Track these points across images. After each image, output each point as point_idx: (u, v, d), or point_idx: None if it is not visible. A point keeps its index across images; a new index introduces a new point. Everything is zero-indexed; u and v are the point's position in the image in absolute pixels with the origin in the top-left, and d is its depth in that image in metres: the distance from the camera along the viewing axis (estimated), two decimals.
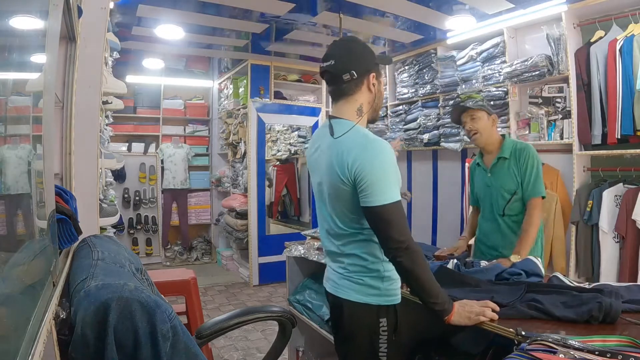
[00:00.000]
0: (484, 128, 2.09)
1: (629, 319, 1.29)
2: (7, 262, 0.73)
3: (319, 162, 1.41)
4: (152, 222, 5.84)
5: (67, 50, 1.76)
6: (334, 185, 1.32)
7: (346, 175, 1.27)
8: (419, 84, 4.34)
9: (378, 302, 1.35)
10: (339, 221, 1.36)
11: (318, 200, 1.47)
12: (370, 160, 1.25)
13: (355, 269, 1.37)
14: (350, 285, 1.37)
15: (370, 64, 1.36)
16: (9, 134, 0.87)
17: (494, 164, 2.09)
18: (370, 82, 1.36)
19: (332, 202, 1.36)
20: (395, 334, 1.38)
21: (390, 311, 1.37)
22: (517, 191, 2.04)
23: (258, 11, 3.46)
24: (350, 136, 1.31)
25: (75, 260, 1.27)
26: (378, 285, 1.35)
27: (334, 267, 1.44)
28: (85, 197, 1.81)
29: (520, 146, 2.06)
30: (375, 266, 1.36)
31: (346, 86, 1.35)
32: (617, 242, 2.74)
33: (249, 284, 4.88)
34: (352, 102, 1.37)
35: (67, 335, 0.95)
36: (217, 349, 3.17)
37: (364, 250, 1.35)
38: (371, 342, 1.36)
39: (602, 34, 2.83)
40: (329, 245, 1.44)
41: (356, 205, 1.29)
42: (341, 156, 1.28)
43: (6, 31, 0.78)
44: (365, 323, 1.36)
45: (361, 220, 1.32)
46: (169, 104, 5.95)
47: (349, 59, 1.34)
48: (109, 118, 3.26)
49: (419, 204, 4.65)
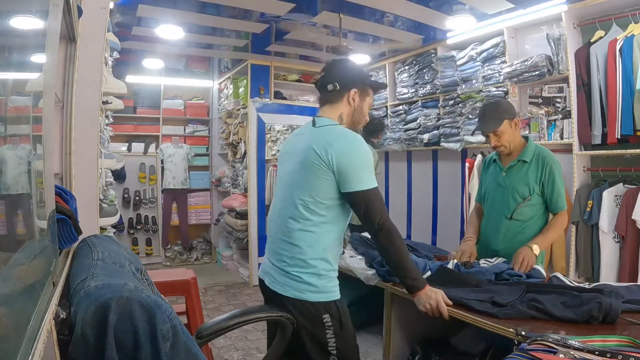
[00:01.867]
0: (508, 140, 1.98)
1: (629, 319, 1.29)
2: (7, 262, 0.73)
3: (295, 144, 1.55)
4: (152, 222, 5.84)
5: (67, 50, 1.76)
6: (309, 166, 1.43)
7: (327, 160, 1.40)
8: (419, 84, 4.34)
9: (317, 298, 1.45)
10: (300, 205, 1.45)
11: (281, 183, 1.59)
12: (353, 151, 1.42)
13: (293, 263, 1.45)
14: (288, 282, 1.46)
15: (353, 82, 1.55)
16: (9, 134, 0.87)
17: (513, 165, 2.01)
18: (350, 97, 1.55)
19: (299, 184, 1.46)
20: (342, 329, 1.47)
21: (332, 307, 1.47)
22: (530, 197, 1.97)
23: (258, 11, 3.46)
24: (331, 129, 1.49)
25: (75, 260, 1.27)
26: (315, 283, 1.45)
27: (274, 260, 1.52)
28: (85, 197, 1.81)
29: (543, 153, 1.98)
30: (314, 262, 1.45)
31: (329, 95, 1.55)
32: (617, 242, 2.74)
33: (249, 284, 4.88)
34: (334, 109, 1.56)
35: (67, 335, 0.95)
36: (217, 349, 3.17)
37: (307, 242, 1.45)
38: (318, 337, 1.45)
39: (602, 34, 2.83)
40: (275, 231, 1.53)
41: (324, 190, 1.43)
42: (323, 141, 1.43)
43: (6, 31, 0.78)
44: (308, 318, 1.45)
45: (319, 207, 1.44)
46: (169, 104, 5.94)
47: (335, 73, 1.56)
48: (109, 118, 3.26)
49: (419, 203, 4.65)
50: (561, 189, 1.96)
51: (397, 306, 1.71)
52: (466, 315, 1.39)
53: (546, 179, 1.95)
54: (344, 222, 1.53)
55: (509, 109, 2.01)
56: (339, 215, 1.49)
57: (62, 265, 1.24)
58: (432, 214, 4.49)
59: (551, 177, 1.94)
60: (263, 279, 1.59)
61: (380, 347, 1.82)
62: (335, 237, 1.50)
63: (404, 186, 4.81)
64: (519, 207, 1.98)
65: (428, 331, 1.76)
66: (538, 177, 1.96)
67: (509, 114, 1.98)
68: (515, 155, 2.03)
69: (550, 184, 1.95)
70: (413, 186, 4.74)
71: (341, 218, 1.50)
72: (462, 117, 3.81)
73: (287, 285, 1.47)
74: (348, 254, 1.97)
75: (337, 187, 1.43)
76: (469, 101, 3.74)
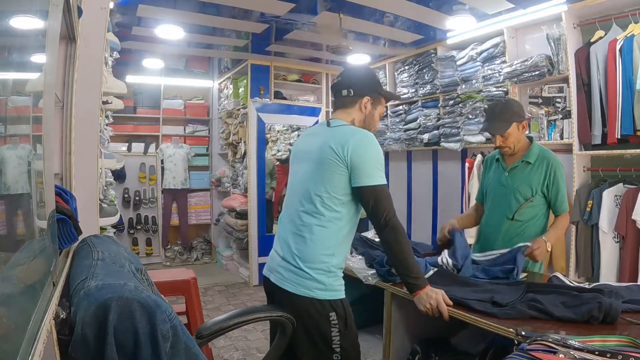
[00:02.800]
0: (514, 142, 1.97)
1: (629, 319, 1.29)
2: (7, 262, 0.73)
3: (310, 143, 1.59)
4: (152, 222, 5.84)
5: (67, 50, 1.76)
6: (325, 163, 1.47)
7: (342, 155, 1.45)
8: (419, 84, 4.34)
9: (325, 296, 1.47)
10: (316, 200, 1.48)
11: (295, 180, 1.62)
12: (366, 147, 1.46)
13: (304, 258, 1.47)
14: (297, 279, 1.48)
15: (367, 90, 1.59)
16: (9, 134, 0.87)
17: (516, 165, 2.00)
18: (362, 104, 1.59)
19: (316, 180, 1.49)
20: (347, 328, 1.49)
21: (338, 305, 1.49)
22: (532, 198, 1.96)
23: (258, 11, 3.46)
24: (346, 128, 1.54)
25: (75, 260, 1.27)
26: (323, 281, 1.47)
27: (284, 255, 1.53)
28: (85, 197, 1.81)
29: (547, 155, 1.97)
30: (325, 258, 1.47)
31: (343, 100, 1.60)
32: (617, 242, 2.74)
33: (249, 284, 4.88)
34: (347, 114, 1.61)
35: (67, 335, 0.95)
36: (217, 349, 3.17)
37: (320, 237, 1.48)
38: (324, 334, 1.47)
39: (602, 34, 2.83)
40: (289, 225, 1.55)
41: (338, 185, 1.46)
42: (339, 138, 1.47)
43: (6, 31, 0.78)
44: (315, 315, 1.46)
45: (335, 203, 1.47)
46: (169, 104, 5.94)
47: (350, 79, 1.61)
48: (109, 118, 3.26)
49: (419, 203, 4.65)
50: (564, 192, 1.97)
51: (397, 306, 1.71)
52: (466, 315, 1.39)
53: (551, 182, 1.94)
54: (355, 220, 1.56)
55: (519, 112, 1.97)
56: (352, 213, 1.53)
57: (62, 265, 1.24)
58: (432, 214, 4.49)
59: (555, 180, 1.94)
60: (268, 276, 1.59)
61: (380, 347, 1.82)
62: (346, 235, 1.53)
63: (404, 186, 4.81)
64: (521, 207, 1.98)
65: (428, 331, 1.76)
66: (542, 180, 1.95)
67: (518, 116, 1.95)
68: (519, 156, 2.01)
69: (554, 187, 1.95)
70: (413, 186, 4.74)
71: (353, 216, 1.54)
72: (462, 117, 3.81)
73: (295, 282, 1.48)
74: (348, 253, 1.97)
75: (349, 182, 1.47)
76: (469, 101, 3.74)
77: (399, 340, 1.74)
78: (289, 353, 1.53)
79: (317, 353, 1.48)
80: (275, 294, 1.55)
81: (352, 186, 1.47)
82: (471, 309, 1.41)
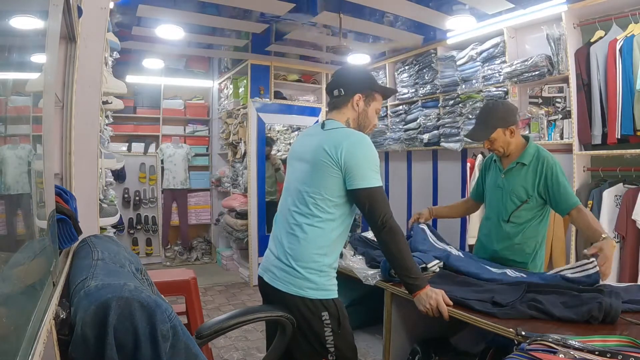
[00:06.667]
0: (502, 146, 1.95)
1: (629, 319, 1.29)
2: (7, 262, 0.73)
3: (306, 144, 1.59)
4: (152, 222, 5.84)
5: (67, 50, 1.75)
6: (319, 165, 1.47)
7: (336, 158, 1.44)
8: (419, 84, 4.34)
9: (316, 295, 1.48)
10: (309, 201, 1.49)
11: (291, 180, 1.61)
12: (360, 149, 1.45)
13: (297, 257, 1.47)
14: (289, 279, 1.48)
15: (358, 87, 1.59)
16: (9, 134, 0.87)
17: (511, 167, 1.97)
18: (354, 102, 1.59)
19: (310, 181, 1.50)
20: (340, 328, 1.49)
21: (331, 305, 1.50)
22: (528, 200, 1.93)
23: (258, 11, 3.46)
24: (339, 130, 1.54)
25: (75, 260, 1.27)
26: (315, 280, 1.48)
27: (277, 254, 1.54)
28: (85, 197, 1.81)
29: (543, 155, 1.92)
30: (317, 258, 1.48)
31: (336, 100, 1.61)
32: (617, 242, 2.74)
33: (249, 284, 4.88)
34: (341, 114, 1.61)
35: (67, 335, 0.95)
36: (217, 349, 3.17)
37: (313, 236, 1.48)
38: (317, 334, 1.47)
39: (602, 34, 2.83)
40: (283, 224, 1.56)
41: (332, 187, 1.47)
42: (333, 141, 1.47)
43: (6, 31, 0.78)
44: (307, 315, 1.47)
45: (328, 205, 1.48)
46: (169, 104, 5.95)
47: (340, 79, 1.62)
48: (109, 118, 3.26)
49: (419, 204, 4.65)
50: (568, 187, 1.88)
51: (397, 306, 1.71)
52: (466, 315, 1.39)
53: (550, 181, 1.88)
54: (349, 221, 1.56)
55: (506, 117, 1.92)
56: (345, 215, 1.53)
57: (62, 265, 1.24)
58: None
59: (555, 178, 1.87)
60: (262, 276, 1.60)
61: (380, 347, 1.82)
62: (339, 235, 1.53)
63: (404, 186, 4.81)
64: (517, 210, 1.95)
65: (428, 331, 1.76)
66: (536, 181, 1.91)
67: (504, 122, 1.91)
68: (514, 157, 1.98)
69: (555, 185, 1.88)
70: (413, 186, 4.74)
71: (347, 217, 1.54)
72: (462, 117, 3.81)
73: (287, 281, 1.48)
74: (348, 253, 1.97)
75: (344, 184, 1.47)
76: (469, 101, 3.74)
77: (399, 340, 1.74)
78: (285, 353, 1.54)
79: (312, 353, 1.49)
80: (269, 293, 1.56)
81: (347, 189, 1.46)
82: (471, 309, 1.41)
